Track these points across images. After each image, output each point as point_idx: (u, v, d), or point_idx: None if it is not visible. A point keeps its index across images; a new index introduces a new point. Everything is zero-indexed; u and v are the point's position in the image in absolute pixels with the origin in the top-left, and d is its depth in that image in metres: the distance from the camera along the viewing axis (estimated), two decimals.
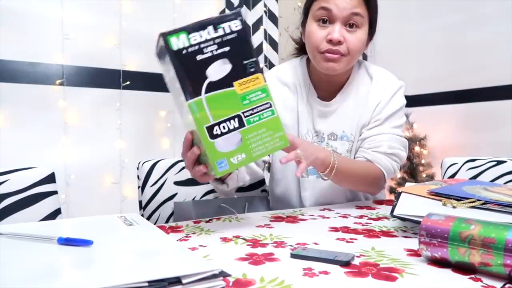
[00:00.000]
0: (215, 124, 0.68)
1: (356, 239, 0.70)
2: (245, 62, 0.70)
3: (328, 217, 0.89)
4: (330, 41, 0.99)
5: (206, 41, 0.67)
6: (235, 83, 0.69)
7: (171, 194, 1.14)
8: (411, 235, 0.73)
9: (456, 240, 0.52)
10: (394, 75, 1.14)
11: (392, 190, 2.88)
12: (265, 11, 2.44)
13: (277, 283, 0.49)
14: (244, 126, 0.70)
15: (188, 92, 0.67)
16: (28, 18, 1.90)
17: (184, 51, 0.66)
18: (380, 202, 1.11)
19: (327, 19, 1.00)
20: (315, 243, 0.67)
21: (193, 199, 1.15)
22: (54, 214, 0.95)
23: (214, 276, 0.45)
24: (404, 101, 1.11)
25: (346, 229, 0.77)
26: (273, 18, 2.47)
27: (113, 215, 0.74)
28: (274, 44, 2.46)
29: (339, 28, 0.98)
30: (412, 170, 2.97)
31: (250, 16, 2.41)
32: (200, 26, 0.67)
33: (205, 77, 0.67)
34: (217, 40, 0.68)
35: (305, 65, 1.14)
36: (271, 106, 0.72)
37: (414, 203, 0.74)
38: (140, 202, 1.13)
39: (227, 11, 2.36)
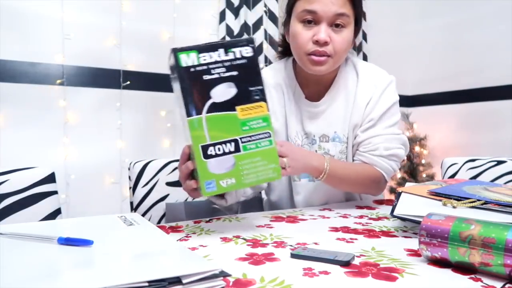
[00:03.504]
0: (211, 145, 0.69)
1: (356, 239, 0.70)
2: (250, 88, 0.70)
3: (328, 217, 0.89)
4: (316, 42, 0.97)
5: (216, 62, 0.68)
6: (238, 108, 0.70)
7: (163, 195, 1.13)
8: (411, 235, 0.73)
9: (456, 240, 0.52)
10: (394, 74, 1.09)
11: (392, 190, 2.88)
12: (265, 11, 2.43)
13: (277, 283, 0.49)
14: (240, 151, 0.70)
15: (190, 109, 0.68)
16: (28, 18, 1.89)
17: (192, 69, 0.67)
18: (380, 202, 1.11)
19: (312, 20, 0.98)
20: (315, 243, 0.67)
21: (186, 200, 1.14)
22: (54, 214, 0.95)
23: (214, 276, 0.45)
24: (397, 97, 1.08)
25: (346, 229, 0.77)
26: (273, 18, 2.47)
27: (113, 215, 0.74)
28: (274, 44, 2.46)
29: (325, 28, 0.96)
30: (412, 170, 2.97)
31: (250, 16, 2.41)
32: (212, 47, 0.68)
33: (209, 97, 0.68)
34: (226, 63, 0.69)
35: (291, 67, 1.12)
36: (269, 136, 0.72)
37: (414, 203, 0.74)
38: (132, 203, 1.12)
39: (228, 12, 2.36)
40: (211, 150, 0.69)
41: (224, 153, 0.69)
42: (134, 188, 1.11)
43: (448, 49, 3.00)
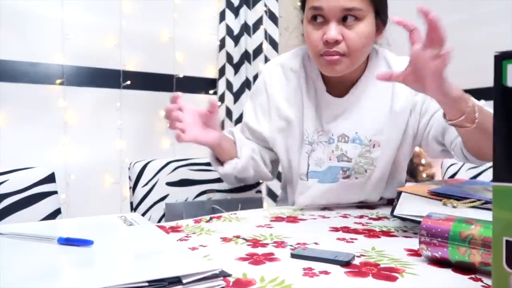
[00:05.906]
0: None
1: (356, 239, 0.70)
2: None
3: (328, 217, 0.89)
4: (326, 42, 0.89)
5: None
6: None
7: (163, 195, 1.13)
8: (411, 235, 0.73)
9: (456, 240, 0.52)
10: None
11: None
12: (265, 11, 2.43)
13: (277, 283, 0.49)
14: None
15: (501, 168, 0.34)
16: (28, 18, 1.90)
17: None
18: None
19: (321, 17, 0.90)
20: (315, 243, 0.67)
21: (185, 200, 1.14)
22: (54, 214, 0.95)
23: (214, 276, 0.45)
24: None
25: (346, 229, 0.77)
26: (273, 18, 2.47)
27: (113, 215, 0.74)
28: (274, 44, 2.46)
29: (334, 26, 0.88)
30: (412, 170, 2.97)
31: (250, 16, 2.41)
32: None
33: None
34: None
35: None
36: None
37: (414, 203, 0.74)
38: (131, 203, 1.12)
39: (228, 11, 2.36)
40: None
41: None
42: (134, 188, 1.11)
43: (448, 49, 3.00)
